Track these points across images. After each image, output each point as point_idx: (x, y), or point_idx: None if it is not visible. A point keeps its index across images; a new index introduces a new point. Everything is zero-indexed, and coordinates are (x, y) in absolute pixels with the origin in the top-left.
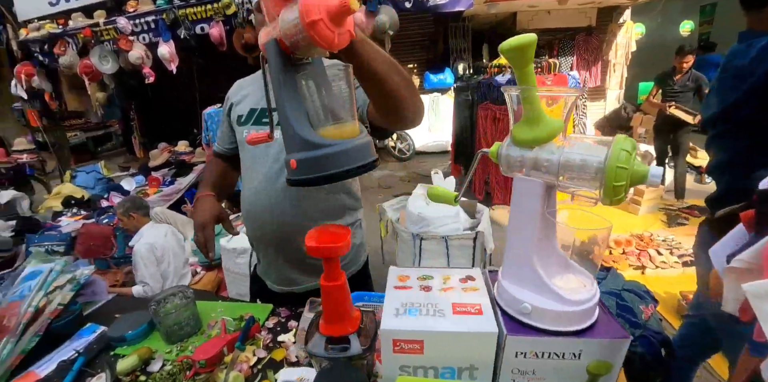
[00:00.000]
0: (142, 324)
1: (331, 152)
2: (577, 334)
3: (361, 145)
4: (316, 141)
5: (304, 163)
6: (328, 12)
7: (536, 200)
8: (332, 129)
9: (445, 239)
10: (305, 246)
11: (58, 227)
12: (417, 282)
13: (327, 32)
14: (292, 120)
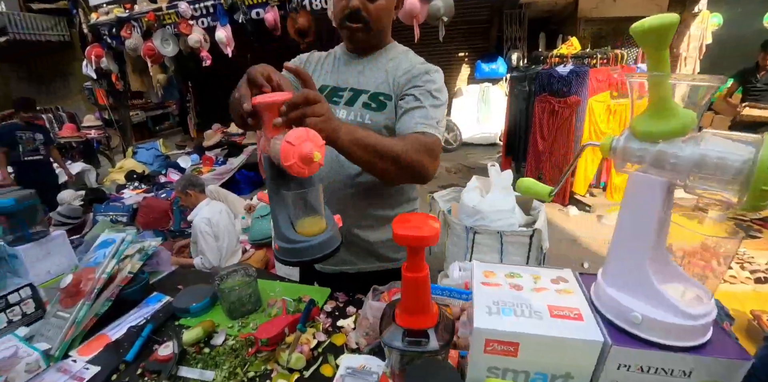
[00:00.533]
0: (205, 298)
1: (302, 247)
2: (690, 350)
3: (325, 240)
4: (292, 238)
5: (284, 250)
6: (300, 157)
7: (655, 199)
8: (306, 225)
9: (500, 234)
10: (393, 233)
11: (122, 199)
12: (505, 279)
13: (299, 169)
14: (278, 218)
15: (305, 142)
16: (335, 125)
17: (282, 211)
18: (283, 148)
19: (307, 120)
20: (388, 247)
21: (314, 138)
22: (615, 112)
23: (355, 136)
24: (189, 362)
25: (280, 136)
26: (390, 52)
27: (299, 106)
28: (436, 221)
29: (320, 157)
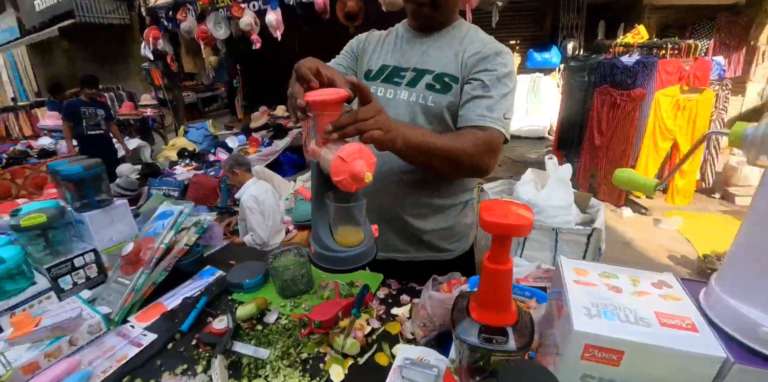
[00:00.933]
0: (258, 274)
1: (339, 256)
2: None
3: (360, 253)
4: (330, 246)
5: (320, 256)
6: (350, 175)
7: None
8: (345, 236)
9: (555, 231)
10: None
11: (174, 175)
12: (600, 279)
13: (348, 185)
14: (318, 223)
15: (357, 160)
16: (393, 136)
17: (323, 217)
18: (335, 164)
19: (365, 136)
20: (441, 237)
21: (367, 156)
22: (684, 108)
23: (413, 142)
24: (242, 337)
25: (331, 148)
26: (457, 30)
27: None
28: (529, 210)
29: (371, 178)
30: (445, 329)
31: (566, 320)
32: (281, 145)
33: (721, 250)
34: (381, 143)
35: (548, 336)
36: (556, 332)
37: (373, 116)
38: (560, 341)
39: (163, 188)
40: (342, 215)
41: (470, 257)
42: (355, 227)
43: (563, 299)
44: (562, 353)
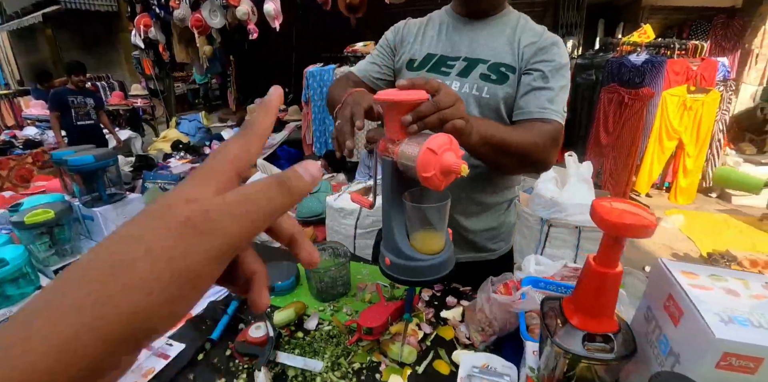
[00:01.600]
0: (291, 276)
1: (417, 266)
2: None
3: (442, 262)
4: (408, 253)
5: (396, 266)
6: (441, 169)
7: None
8: (423, 241)
9: (578, 229)
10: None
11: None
12: (713, 283)
13: (437, 182)
14: (394, 229)
15: (448, 152)
16: (470, 127)
17: (399, 222)
18: (424, 156)
19: (452, 123)
20: (488, 237)
21: (456, 147)
22: (690, 108)
23: (486, 135)
24: (283, 346)
25: (411, 141)
26: (507, 17)
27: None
28: (649, 212)
29: (467, 171)
30: (505, 333)
31: (696, 327)
32: (278, 138)
33: (721, 248)
34: (461, 135)
35: (647, 346)
36: (672, 342)
37: (453, 104)
38: (683, 350)
39: (158, 182)
40: (422, 218)
41: (510, 256)
42: (436, 232)
43: (684, 305)
44: (686, 362)
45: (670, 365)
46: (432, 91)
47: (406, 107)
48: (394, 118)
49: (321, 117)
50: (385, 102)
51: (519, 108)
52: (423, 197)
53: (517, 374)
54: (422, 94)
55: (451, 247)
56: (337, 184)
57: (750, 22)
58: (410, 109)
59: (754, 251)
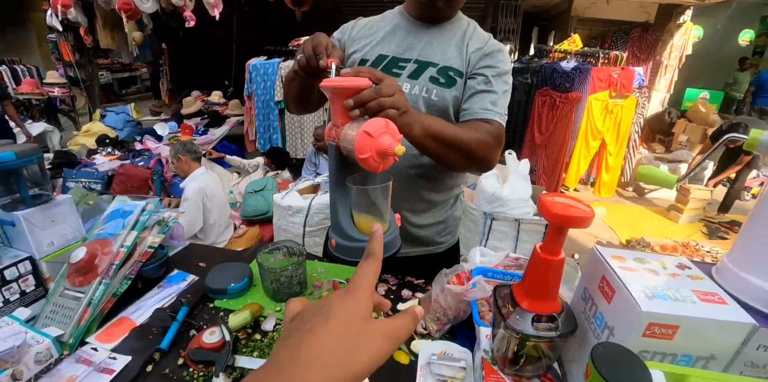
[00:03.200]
0: (243, 277)
1: (360, 246)
2: None
3: (388, 242)
4: (352, 234)
5: (341, 247)
6: (377, 151)
7: None
8: (367, 223)
9: (518, 222)
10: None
11: (93, 165)
12: (637, 264)
13: (373, 163)
14: (339, 212)
15: (384, 135)
16: (411, 119)
17: (344, 205)
18: (360, 139)
19: (385, 112)
20: (435, 231)
21: (393, 131)
22: (611, 112)
23: (430, 129)
24: (241, 350)
25: (353, 125)
26: (460, 23)
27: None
28: (586, 205)
29: (402, 151)
30: (458, 321)
31: (626, 302)
32: (218, 134)
33: (637, 235)
34: (399, 126)
35: (585, 323)
36: (607, 317)
37: (394, 94)
38: (616, 323)
39: (82, 180)
40: (365, 201)
41: (457, 249)
42: (379, 214)
43: (615, 285)
44: (618, 334)
45: (606, 337)
46: (375, 79)
47: (349, 93)
48: (338, 104)
49: (265, 112)
50: (329, 88)
51: (464, 109)
52: (367, 181)
53: (472, 358)
54: (365, 82)
55: (395, 230)
56: (283, 182)
57: (660, 36)
58: (353, 95)
59: (663, 237)
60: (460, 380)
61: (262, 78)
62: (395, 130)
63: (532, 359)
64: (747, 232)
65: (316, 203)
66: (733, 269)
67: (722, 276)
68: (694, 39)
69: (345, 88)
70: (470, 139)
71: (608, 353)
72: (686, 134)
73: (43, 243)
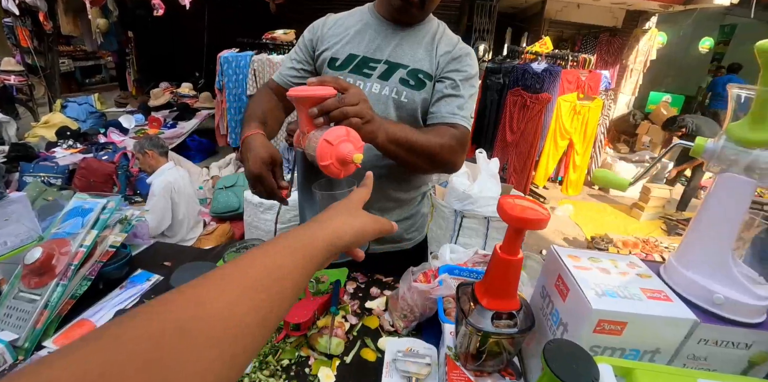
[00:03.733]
0: None
1: None
2: (755, 326)
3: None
4: None
5: None
6: (337, 158)
7: (744, 198)
8: None
9: (487, 220)
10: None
11: (53, 158)
12: (591, 263)
13: (335, 170)
14: (306, 215)
15: (344, 143)
16: (375, 127)
17: (312, 210)
18: (321, 147)
19: (349, 121)
20: (402, 228)
21: (354, 139)
22: (579, 113)
23: (394, 136)
24: None
25: (317, 133)
26: (430, 25)
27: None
28: (543, 207)
29: (360, 159)
30: (425, 318)
31: (579, 300)
32: (188, 127)
33: (602, 232)
34: (363, 134)
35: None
36: (561, 314)
37: (357, 103)
38: (569, 320)
39: (41, 175)
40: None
41: (425, 244)
42: None
43: (569, 283)
44: (571, 330)
45: (560, 333)
46: (340, 89)
47: (314, 102)
48: (304, 112)
49: (237, 106)
50: (294, 98)
51: (431, 113)
52: (333, 187)
53: (437, 354)
54: (330, 91)
55: None
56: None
57: (627, 41)
58: (318, 103)
59: (626, 233)
60: (424, 376)
61: (234, 71)
62: (357, 138)
63: (494, 354)
64: (690, 233)
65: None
66: (678, 267)
67: (669, 275)
68: (659, 45)
69: (309, 97)
70: (434, 145)
71: (559, 349)
72: (649, 135)
73: None
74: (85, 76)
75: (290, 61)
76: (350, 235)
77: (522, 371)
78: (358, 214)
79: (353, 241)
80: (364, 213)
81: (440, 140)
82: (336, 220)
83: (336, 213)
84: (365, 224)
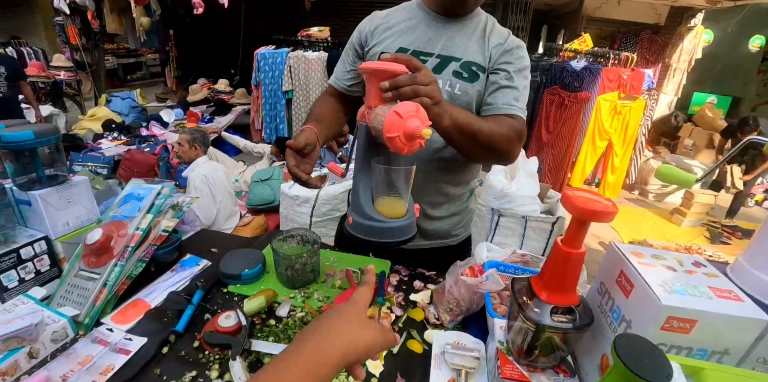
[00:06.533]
0: (257, 264)
1: (379, 227)
2: None
3: (402, 226)
4: (370, 214)
5: (358, 225)
6: (404, 132)
7: None
8: (387, 205)
9: (525, 219)
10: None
11: (100, 149)
12: (655, 261)
13: (400, 145)
14: (359, 190)
15: (414, 118)
16: (442, 110)
17: (366, 184)
18: (390, 118)
19: (420, 99)
20: (450, 224)
21: (423, 116)
22: (620, 113)
23: (459, 121)
24: (256, 335)
25: (384, 108)
26: (479, 18)
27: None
28: (609, 200)
29: (429, 134)
30: (471, 313)
31: (645, 296)
32: (224, 122)
33: (639, 238)
34: (430, 116)
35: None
36: (624, 310)
37: (429, 84)
38: (634, 316)
39: (88, 164)
40: (388, 182)
41: (469, 242)
42: (398, 198)
43: (634, 279)
44: (636, 326)
45: (623, 330)
46: (412, 68)
47: (385, 76)
48: (374, 86)
49: (272, 102)
50: (367, 70)
51: (487, 104)
52: (391, 164)
53: (485, 349)
54: (401, 68)
55: (413, 217)
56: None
57: (670, 39)
58: (389, 79)
59: (665, 240)
60: (474, 369)
61: (270, 67)
62: (425, 117)
63: (547, 350)
64: (763, 232)
65: (324, 193)
66: (748, 267)
67: (737, 275)
68: (704, 43)
69: (382, 71)
70: (496, 134)
71: (630, 344)
72: (692, 138)
73: (58, 223)
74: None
75: (342, 65)
76: (360, 351)
77: (575, 369)
78: (367, 324)
79: (362, 358)
80: (372, 324)
81: (501, 130)
82: (346, 332)
83: (346, 322)
84: (375, 338)
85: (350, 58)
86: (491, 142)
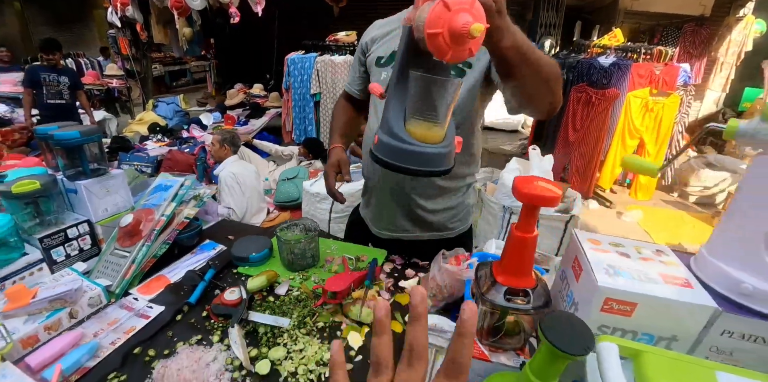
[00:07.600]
0: (264, 248)
1: (408, 150)
2: None
3: (438, 154)
4: (400, 135)
5: (385, 146)
6: (449, 30)
7: None
8: (420, 126)
9: None
10: (514, 192)
11: (145, 150)
12: (611, 247)
13: (442, 45)
14: (390, 105)
15: (464, 13)
16: (505, 25)
17: (399, 98)
18: (435, 10)
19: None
20: (446, 217)
21: (478, 12)
22: (652, 110)
23: (520, 40)
24: (255, 308)
25: (432, 3)
26: None
27: None
28: (558, 187)
29: (481, 30)
30: (453, 299)
31: (588, 279)
32: (258, 124)
33: (675, 241)
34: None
35: (560, 301)
36: (575, 293)
37: None
38: (580, 299)
39: (134, 164)
40: (424, 97)
41: (469, 235)
42: (434, 119)
43: (582, 263)
44: (581, 309)
45: (572, 312)
46: None
47: None
48: None
49: (301, 105)
50: None
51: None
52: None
53: None
54: None
55: (451, 145)
56: (314, 171)
57: (717, 31)
58: None
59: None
60: (443, 348)
61: (299, 71)
62: (480, 13)
63: (512, 333)
64: (724, 220)
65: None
66: (707, 257)
67: (698, 265)
68: (755, 34)
69: None
70: (552, 66)
71: (557, 320)
72: None
73: (99, 209)
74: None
75: (353, 72)
76: None
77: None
78: None
79: None
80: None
81: (554, 63)
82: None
83: None
84: None
85: (357, 66)
86: (547, 74)
